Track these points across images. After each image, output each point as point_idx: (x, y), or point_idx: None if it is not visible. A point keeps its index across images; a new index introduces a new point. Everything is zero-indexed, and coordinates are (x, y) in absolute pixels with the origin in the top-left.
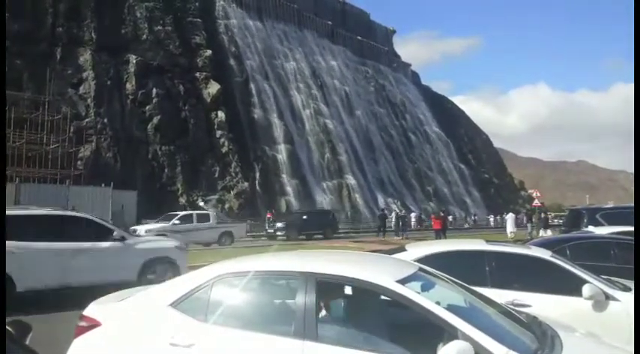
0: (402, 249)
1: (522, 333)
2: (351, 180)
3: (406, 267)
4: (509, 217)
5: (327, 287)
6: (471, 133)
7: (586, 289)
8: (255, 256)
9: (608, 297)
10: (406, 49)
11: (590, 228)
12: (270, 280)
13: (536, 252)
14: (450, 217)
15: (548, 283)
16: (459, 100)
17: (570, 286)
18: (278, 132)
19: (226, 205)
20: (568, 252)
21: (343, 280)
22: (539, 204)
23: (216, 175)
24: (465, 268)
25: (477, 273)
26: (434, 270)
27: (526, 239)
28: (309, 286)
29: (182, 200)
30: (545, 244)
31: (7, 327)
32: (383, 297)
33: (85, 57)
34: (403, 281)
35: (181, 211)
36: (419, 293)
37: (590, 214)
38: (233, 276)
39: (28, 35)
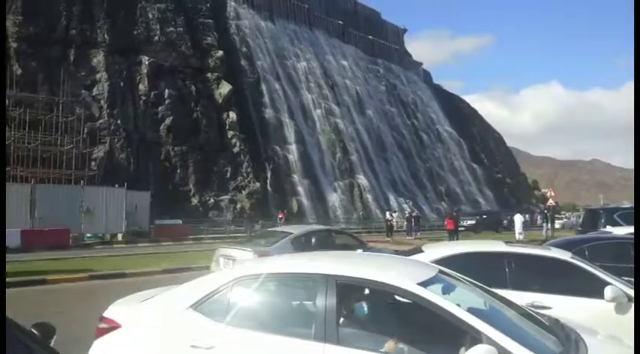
0: (418, 250)
1: (545, 336)
2: (362, 180)
3: (427, 269)
4: (517, 218)
5: (347, 290)
6: (484, 132)
7: (608, 291)
8: (273, 257)
9: (630, 299)
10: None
11: (608, 228)
12: (289, 282)
13: (557, 253)
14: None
15: (569, 284)
16: (471, 99)
17: (591, 288)
18: (289, 132)
19: (238, 206)
20: (587, 253)
21: (364, 283)
22: (554, 204)
23: (228, 176)
24: (484, 270)
25: (496, 274)
26: (453, 272)
27: (541, 240)
28: (330, 289)
29: (194, 201)
30: (563, 245)
31: (32, 329)
32: (404, 300)
33: (98, 59)
34: (424, 284)
35: (194, 211)
36: (441, 296)
37: (608, 214)
38: (252, 278)
39: (43, 38)
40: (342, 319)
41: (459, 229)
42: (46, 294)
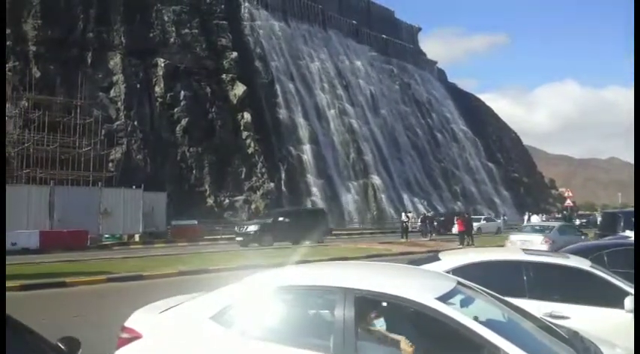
0: (435, 258)
1: (564, 350)
2: (376, 180)
3: (445, 282)
4: (534, 219)
5: (366, 303)
6: (499, 130)
7: (628, 302)
8: (292, 267)
9: None
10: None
11: (627, 232)
12: (308, 294)
13: (575, 262)
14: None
15: (588, 294)
16: (486, 98)
17: (611, 298)
18: (303, 132)
19: (253, 206)
20: (606, 259)
21: (383, 297)
22: (572, 204)
23: (243, 176)
24: (502, 279)
25: (514, 284)
26: (472, 284)
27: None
28: (348, 302)
29: (210, 201)
30: (581, 251)
31: (58, 343)
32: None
33: (115, 61)
34: (443, 298)
35: (210, 211)
36: (459, 310)
37: (627, 218)
38: (270, 290)
39: (61, 41)
40: (360, 332)
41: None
42: (66, 297)
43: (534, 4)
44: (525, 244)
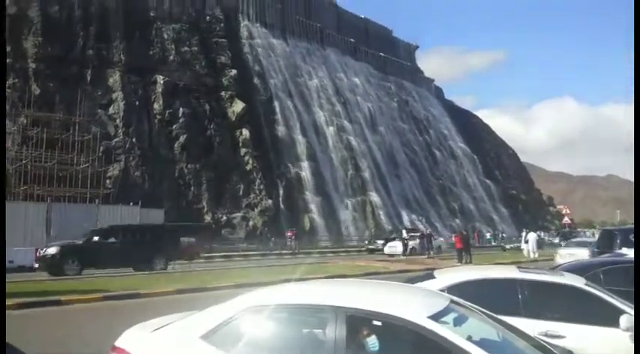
0: (430, 276)
1: None
2: (374, 197)
3: (438, 300)
4: (531, 237)
5: (357, 321)
6: (497, 148)
7: (624, 320)
8: (285, 285)
9: None
10: (429, 65)
11: (624, 250)
12: (298, 312)
13: (570, 280)
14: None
15: (583, 312)
16: (484, 115)
17: (606, 316)
18: (301, 149)
19: (250, 223)
20: (602, 277)
21: (374, 316)
22: (569, 221)
23: (241, 193)
24: (497, 297)
25: (509, 302)
26: (466, 302)
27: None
28: (339, 321)
29: (207, 218)
30: (577, 269)
31: None
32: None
33: (115, 78)
34: (436, 316)
35: (208, 229)
36: (452, 329)
37: (624, 235)
38: (259, 309)
39: (61, 58)
40: (351, 351)
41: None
42: (61, 315)
43: (532, 22)
44: (572, 258)
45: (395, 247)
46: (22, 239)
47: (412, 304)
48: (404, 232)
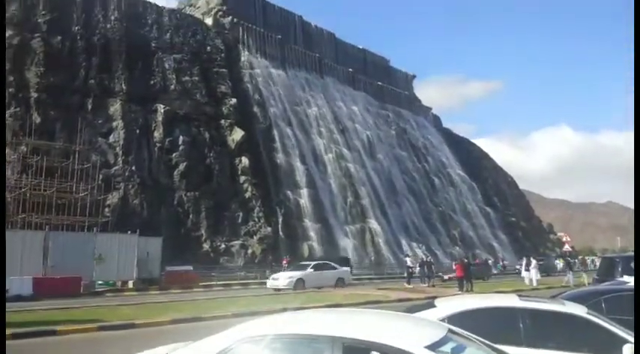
0: (431, 305)
1: None
2: (374, 224)
3: (436, 329)
4: (533, 265)
5: (354, 352)
6: (496, 175)
7: (626, 350)
8: (282, 315)
9: None
10: (428, 94)
11: (625, 278)
12: (295, 343)
13: (571, 308)
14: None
15: (585, 342)
16: (482, 143)
17: (609, 346)
18: (300, 176)
19: (249, 251)
20: (604, 305)
21: (370, 346)
22: (570, 249)
23: (240, 221)
24: (498, 326)
25: (510, 331)
26: (464, 331)
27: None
28: (336, 351)
29: (206, 246)
30: (579, 297)
31: None
32: None
33: (116, 107)
34: (433, 346)
35: (205, 256)
36: None
37: (625, 263)
38: (257, 339)
39: (62, 88)
40: None
41: None
42: (56, 346)
43: (528, 51)
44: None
45: (277, 279)
46: (19, 268)
47: (409, 333)
48: (408, 260)
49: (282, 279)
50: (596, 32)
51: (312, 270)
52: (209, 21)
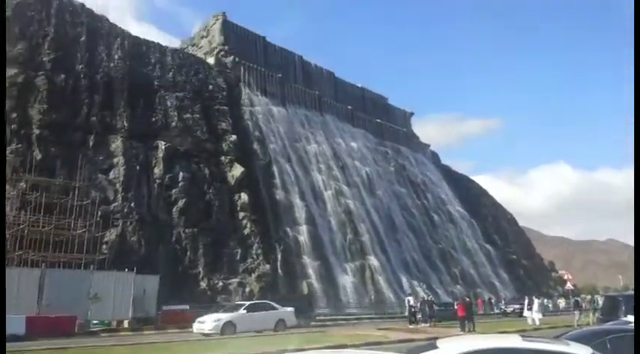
0: (433, 346)
1: None
2: (373, 261)
3: None
4: (535, 302)
5: None
6: (495, 212)
7: None
8: None
9: None
10: (427, 131)
11: (629, 317)
12: None
13: (576, 349)
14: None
15: None
16: (481, 180)
17: None
18: (299, 213)
19: (247, 289)
20: (609, 346)
21: None
22: (572, 287)
23: (238, 258)
24: None
25: None
26: None
27: (563, 332)
28: None
29: (203, 284)
30: (584, 337)
31: None
32: None
33: (117, 144)
34: None
35: (203, 295)
36: None
37: (628, 302)
38: None
39: (64, 124)
40: None
41: None
42: None
43: (527, 90)
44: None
45: (203, 322)
46: (14, 306)
47: None
48: (411, 299)
49: (207, 322)
50: (593, 69)
51: (244, 311)
52: (211, 60)
